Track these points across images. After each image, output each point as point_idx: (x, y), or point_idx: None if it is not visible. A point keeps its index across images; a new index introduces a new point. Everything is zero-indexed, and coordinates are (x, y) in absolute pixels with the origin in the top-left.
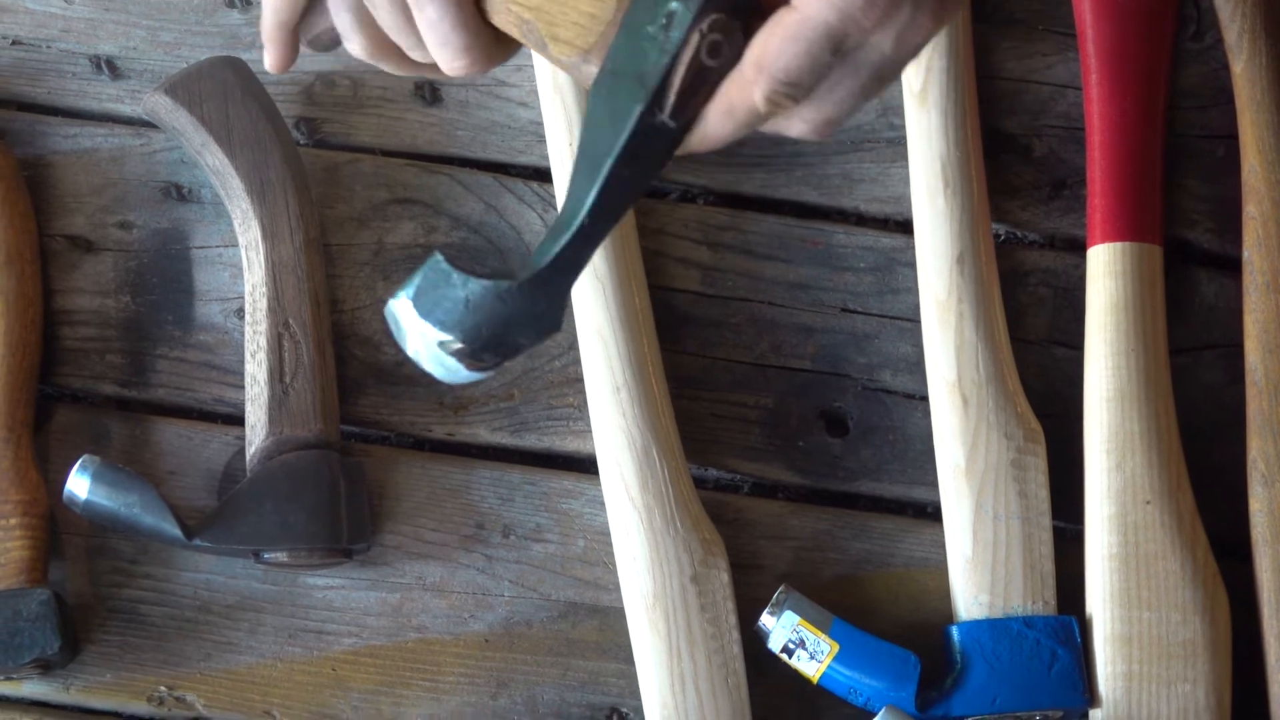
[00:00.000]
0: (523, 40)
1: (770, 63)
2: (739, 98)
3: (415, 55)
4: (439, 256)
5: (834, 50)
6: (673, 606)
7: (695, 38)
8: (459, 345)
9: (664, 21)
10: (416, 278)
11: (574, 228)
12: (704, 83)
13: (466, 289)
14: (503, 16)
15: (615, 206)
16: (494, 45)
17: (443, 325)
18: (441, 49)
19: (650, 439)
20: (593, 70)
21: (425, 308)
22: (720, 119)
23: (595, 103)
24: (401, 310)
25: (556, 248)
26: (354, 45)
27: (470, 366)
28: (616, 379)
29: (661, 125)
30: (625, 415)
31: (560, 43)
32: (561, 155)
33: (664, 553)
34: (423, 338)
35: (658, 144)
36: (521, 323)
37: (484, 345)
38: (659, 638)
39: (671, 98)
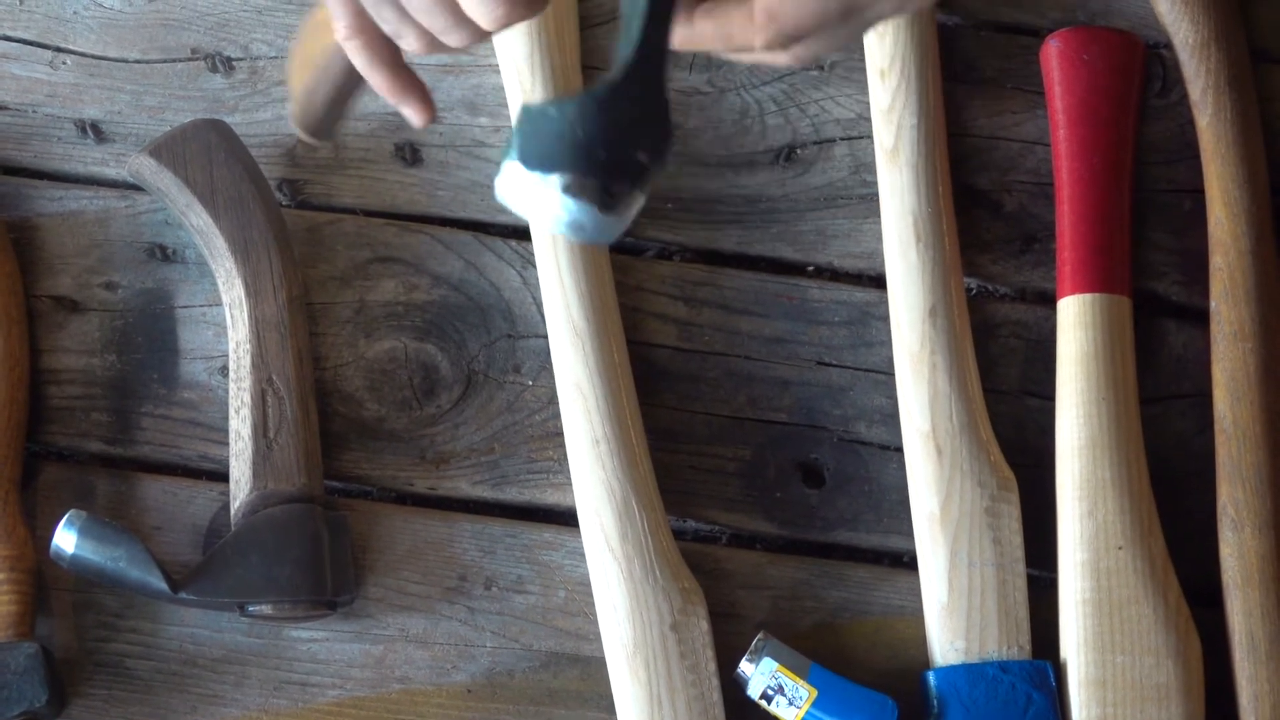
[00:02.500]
0: None
1: (781, 16)
2: (739, 34)
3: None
4: (526, 104)
5: (845, 12)
6: (653, 655)
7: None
8: (583, 181)
9: None
10: (514, 137)
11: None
12: None
13: (564, 113)
14: None
15: None
16: None
17: (557, 165)
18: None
19: (629, 490)
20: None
21: (532, 158)
22: (713, 39)
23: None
24: (512, 177)
25: (635, 31)
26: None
27: (606, 207)
28: (596, 432)
29: None
30: (605, 467)
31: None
32: None
33: (644, 602)
34: (545, 194)
35: None
36: (635, 131)
37: (608, 171)
38: (640, 686)
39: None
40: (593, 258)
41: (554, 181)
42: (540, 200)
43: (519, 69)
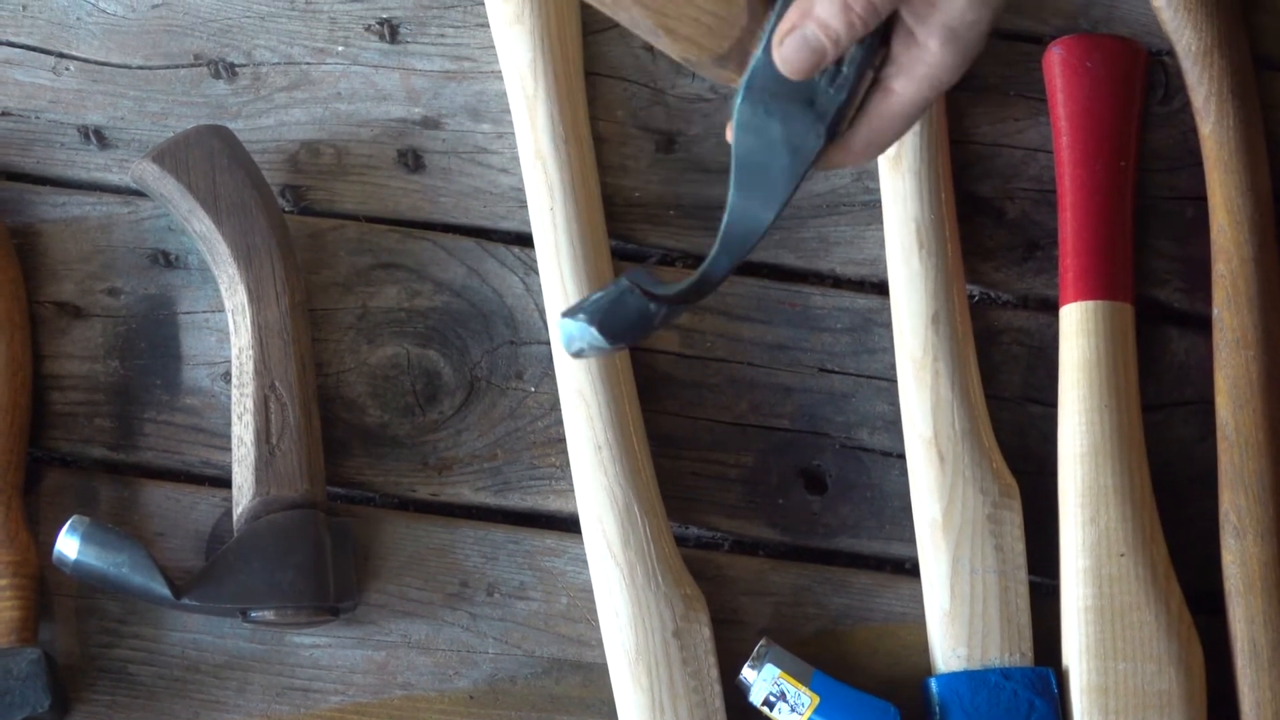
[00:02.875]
0: (630, 27)
1: (878, 143)
2: (836, 159)
3: None
4: (626, 281)
5: (919, 115)
6: (655, 661)
7: (869, 75)
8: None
9: None
10: (596, 308)
11: (748, 243)
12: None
13: (657, 311)
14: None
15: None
16: None
17: (627, 337)
18: None
19: (632, 496)
20: (729, 75)
21: (609, 331)
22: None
23: (755, 119)
24: (578, 332)
25: (729, 258)
26: None
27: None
28: (598, 438)
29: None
30: (607, 473)
31: (681, 39)
32: (543, 220)
33: (646, 608)
34: (586, 343)
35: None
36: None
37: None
38: (642, 692)
39: (841, 127)
40: (595, 264)
41: (600, 340)
42: (580, 343)
43: (521, 75)
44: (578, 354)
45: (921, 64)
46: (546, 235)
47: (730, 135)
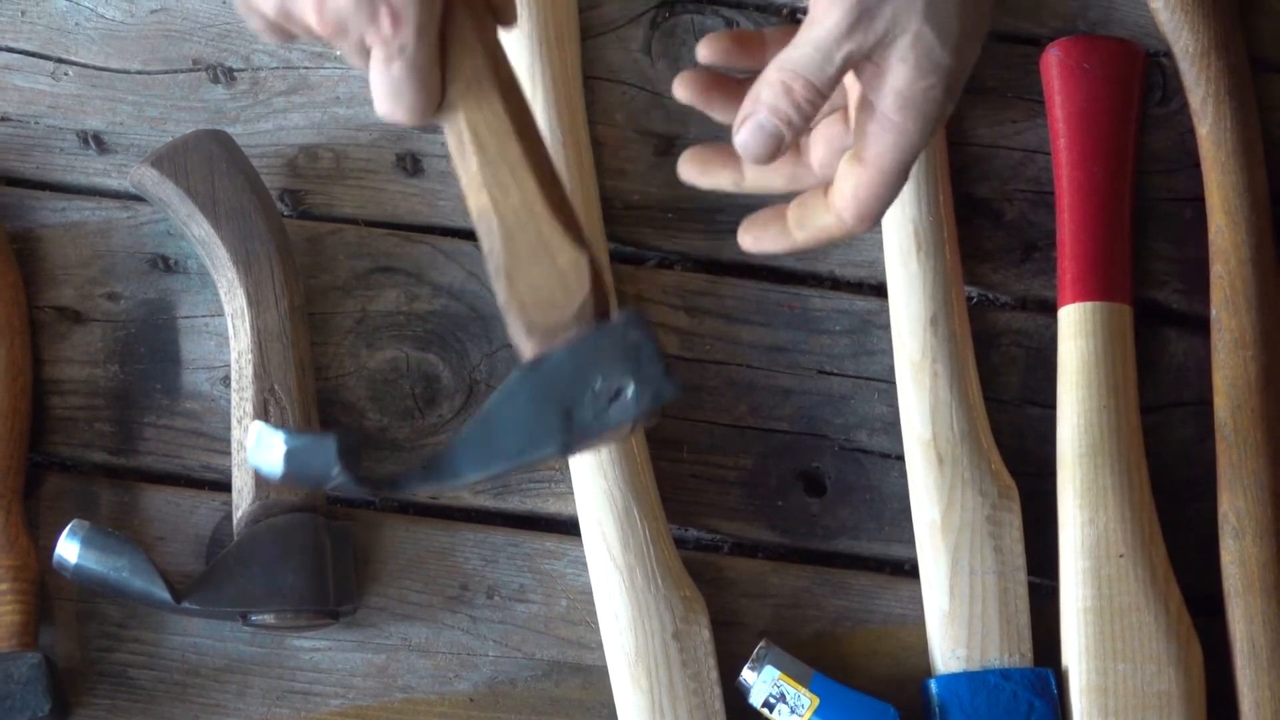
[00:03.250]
0: (472, 216)
1: (867, 215)
2: (832, 232)
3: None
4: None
5: (906, 175)
6: (655, 663)
7: (629, 426)
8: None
9: (611, 392)
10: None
11: (441, 485)
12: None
13: (326, 473)
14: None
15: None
16: (433, 107)
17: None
18: (389, 97)
19: (631, 499)
20: (526, 344)
21: (290, 455)
22: (805, 246)
23: (521, 392)
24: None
25: (421, 485)
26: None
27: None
28: None
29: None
30: (606, 476)
31: (513, 284)
32: None
33: (645, 610)
34: (264, 458)
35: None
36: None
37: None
38: (642, 694)
39: (580, 450)
40: None
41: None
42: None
43: (519, 80)
44: (254, 465)
45: (885, 132)
46: None
47: (492, 396)
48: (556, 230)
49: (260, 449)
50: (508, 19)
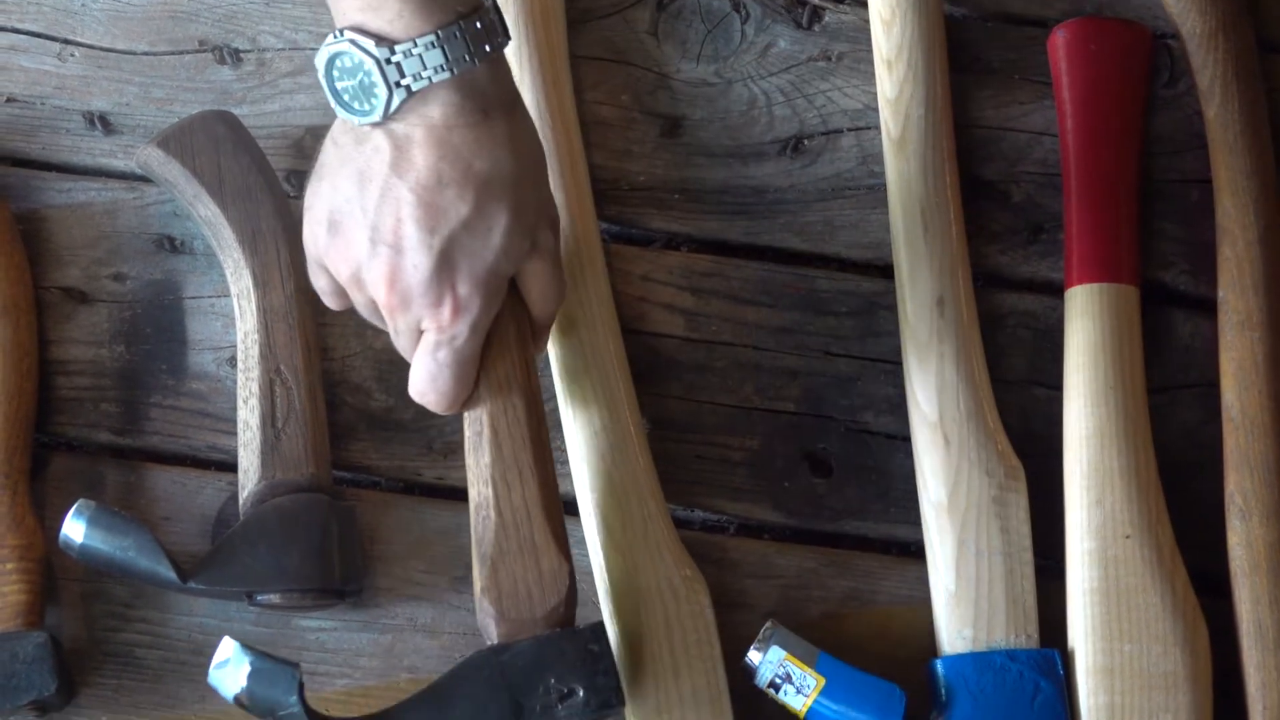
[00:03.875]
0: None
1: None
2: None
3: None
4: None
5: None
6: (657, 643)
7: None
8: None
9: (562, 692)
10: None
11: None
12: None
13: (280, 701)
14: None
15: None
16: (463, 400)
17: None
18: (427, 381)
19: (628, 479)
20: (493, 630)
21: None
22: None
23: (479, 673)
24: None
25: None
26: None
27: None
28: (594, 422)
29: None
30: (604, 458)
31: (496, 573)
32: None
33: (646, 591)
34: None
35: None
36: None
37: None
38: (645, 674)
39: None
40: (586, 249)
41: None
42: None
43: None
44: (220, 680)
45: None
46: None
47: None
48: (547, 536)
49: (224, 665)
50: (540, 347)
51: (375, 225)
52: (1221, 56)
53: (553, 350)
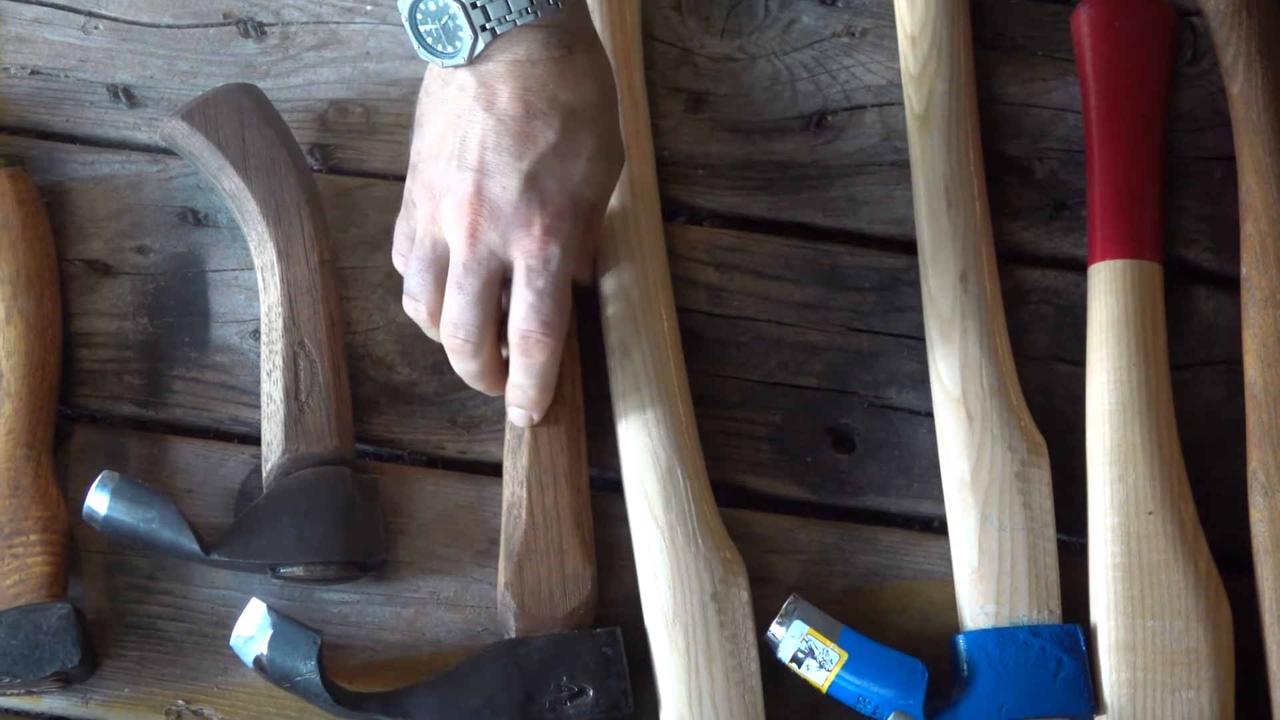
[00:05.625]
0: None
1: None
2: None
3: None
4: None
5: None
6: (692, 623)
7: None
8: None
9: (573, 690)
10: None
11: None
12: None
13: (297, 669)
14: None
15: None
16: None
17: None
18: (530, 319)
19: (675, 458)
20: (512, 625)
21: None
22: None
23: (495, 664)
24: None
25: (377, 713)
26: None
27: None
28: (644, 399)
29: None
30: (651, 435)
31: (521, 571)
32: None
33: (685, 570)
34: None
35: None
36: None
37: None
38: (678, 654)
39: None
40: (647, 225)
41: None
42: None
43: None
44: (243, 643)
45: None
46: None
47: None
48: (574, 541)
49: (248, 627)
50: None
51: (461, 154)
52: (1245, 34)
53: (608, 324)
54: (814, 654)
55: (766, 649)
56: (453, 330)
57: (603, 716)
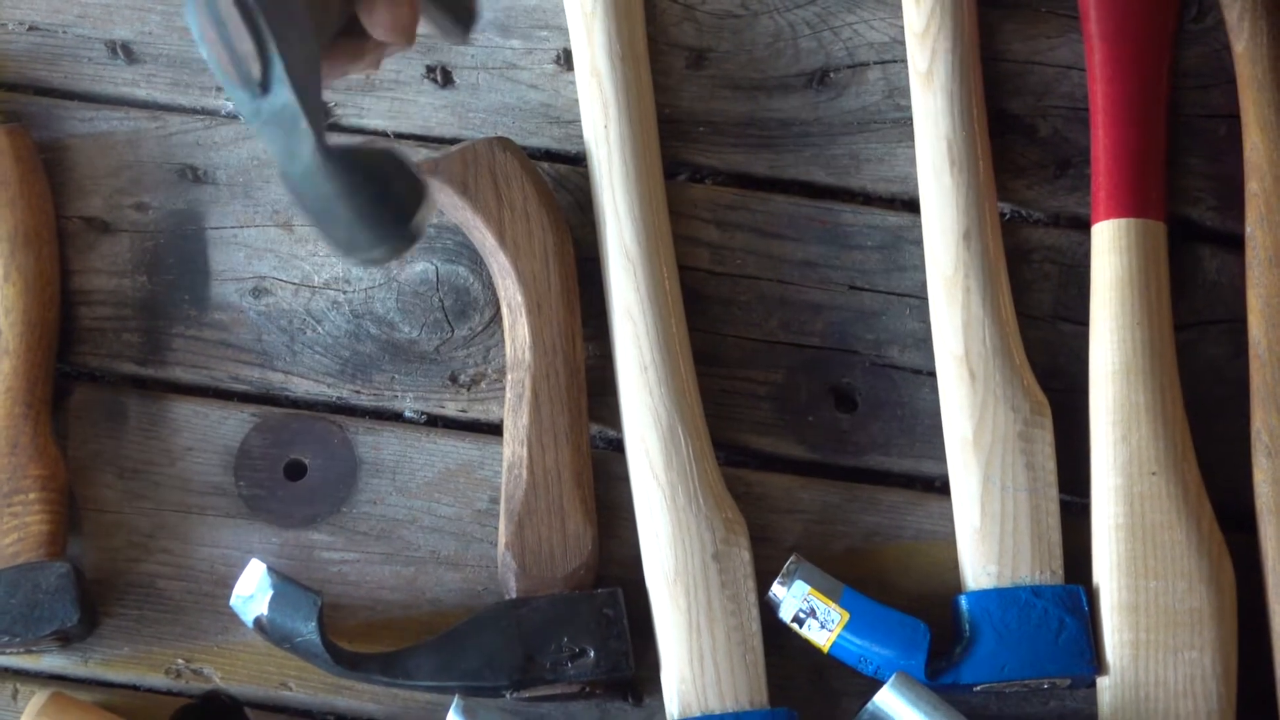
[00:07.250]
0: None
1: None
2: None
3: None
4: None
5: None
6: (694, 583)
7: (580, 687)
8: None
9: (574, 651)
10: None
11: (393, 679)
12: None
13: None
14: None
15: None
16: None
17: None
18: None
19: (676, 417)
20: (513, 584)
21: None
22: None
23: (496, 624)
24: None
25: (377, 672)
26: None
27: None
28: (645, 358)
29: None
30: (652, 394)
31: (522, 531)
32: (597, 137)
33: (686, 530)
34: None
35: None
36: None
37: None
38: (679, 613)
39: (526, 694)
40: (648, 184)
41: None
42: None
43: None
44: (243, 603)
45: None
46: (600, 152)
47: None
48: (575, 501)
49: (247, 587)
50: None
51: None
52: None
53: (609, 283)
54: (815, 614)
55: (768, 609)
56: None
57: (603, 677)
